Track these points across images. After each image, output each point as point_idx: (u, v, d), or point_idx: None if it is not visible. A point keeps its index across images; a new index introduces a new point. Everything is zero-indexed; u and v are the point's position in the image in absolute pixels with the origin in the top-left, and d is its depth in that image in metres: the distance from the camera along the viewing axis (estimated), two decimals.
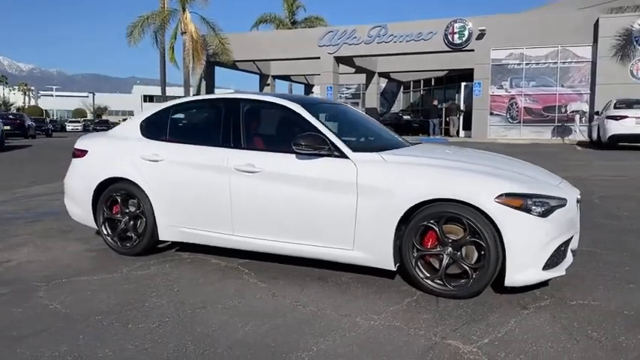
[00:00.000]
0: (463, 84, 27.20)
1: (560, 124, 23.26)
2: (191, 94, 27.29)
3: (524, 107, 23.76)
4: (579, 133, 22.27)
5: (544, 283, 3.76)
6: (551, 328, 3.13)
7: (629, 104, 15.98)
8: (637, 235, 5.46)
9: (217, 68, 30.33)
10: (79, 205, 4.98)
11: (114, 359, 2.77)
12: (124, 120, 6.74)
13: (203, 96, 5.10)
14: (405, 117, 35.09)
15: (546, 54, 23.26)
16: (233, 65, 29.96)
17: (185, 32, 25.37)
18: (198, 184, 4.35)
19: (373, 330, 3.12)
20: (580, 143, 20.03)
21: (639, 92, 20.50)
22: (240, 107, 4.43)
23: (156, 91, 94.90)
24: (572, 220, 3.72)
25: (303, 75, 40.96)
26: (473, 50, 24.04)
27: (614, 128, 14.93)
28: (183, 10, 26.24)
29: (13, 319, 3.31)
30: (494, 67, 23.97)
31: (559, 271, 3.57)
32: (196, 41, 25.40)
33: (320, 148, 3.92)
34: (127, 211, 4.70)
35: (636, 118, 14.81)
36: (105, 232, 4.80)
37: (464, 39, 23.90)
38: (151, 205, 4.54)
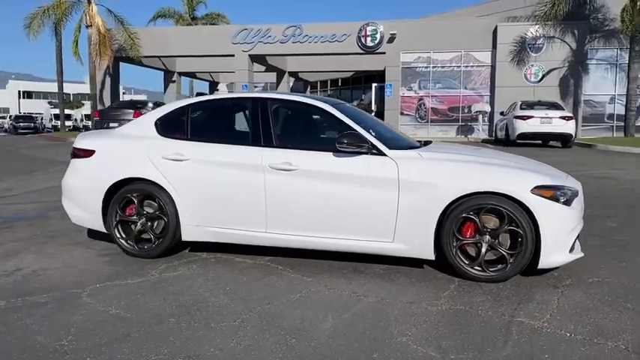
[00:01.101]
0: (374, 85, 28.28)
1: (464, 124, 25.03)
2: (97, 90, 25.80)
3: (432, 108, 25.26)
4: (482, 131, 24.09)
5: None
6: (591, 302, 3.58)
7: (531, 105, 17.67)
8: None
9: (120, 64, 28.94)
10: (84, 208, 4.74)
11: (225, 357, 2.79)
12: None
13: (224, 95, 5.07)
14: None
15: (451, 58, 24.89)
16: (138, 61, 28.74)
17: (91, 25, 23.91)
18: (229, 182, 4.35)
19: (446, 313, 3.39)
20: (484, 141, 21.70)
21: (531, 94, 22.71)
22: (269, 106, 4.48)
23: (34, 87, 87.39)
24: (582, 209, 4.24)
25: (209, 72, 40.23)
26: (384, 53, 25.09)
27: (522, 127, 16.47)
28: (89, 1, 24.70)
29: (81, 326, 3.16)
30: (404, 69, 25.22)
31: (579, 253, 4.06)
32: (103, 35, 24.03)
33: (361, 146, 4.11)
34: (145, 212, 4.56)
35: (541, 117, 16.46)
36: (118, 234, 4.61)
37: (376, 42, 24.88)
38: (174, 205, 4.45)
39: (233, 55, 26.54)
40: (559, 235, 3.89)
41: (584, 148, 17.27)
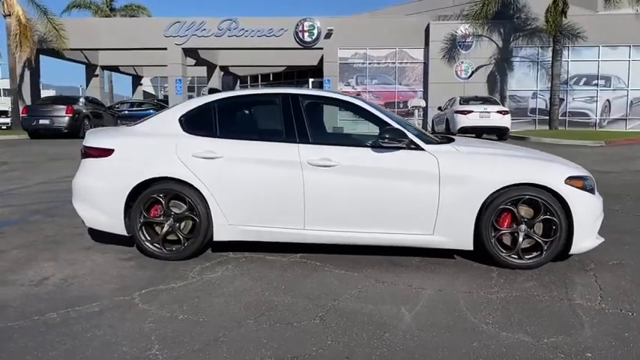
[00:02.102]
0: (311, 80, 28.42)
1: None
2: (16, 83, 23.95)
3: None
4: (417, 125, 24.93)
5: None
6: (625, 282, 3.89)
7: (468, 100, 18.55)
8: None
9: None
10: (102, 210, 4.47)
11: (333, 355, 2.78)
12: None
13: (252, 90, 4.95)
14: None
15: (386, 55, 25.52)
16: (60, 54, 27.04)
17: (9, 14, 22.13)
18: (265, 180, 4.28)
19: (509, 300, 3.55)
20: None
21: (461, 90, 23.77)
22: (300, 102, 4.45)
23: None
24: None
25: (133, 66, 38.65)
26: (322, 48, 25.29)
27: (463, 121, 17.26)
28: None
29: (161, 334, 3.01)
30: (341, 65, 25.54)
31: (600, 238, 4.37)
32: (24, 25, 22.33)
33: (401, 141, 4.19)
34: (172, 212, 4.39)
35: (480, 112, 17.32)
36: (142, 237, 4.40)
37: (314, 37, 25.00)
38: (206, 204, 4.32)
39: (166, 49, 25.67)
40: (588, 222, 4.18)
41: (519, 140, 18.34)
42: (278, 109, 4.46)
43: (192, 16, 25.53)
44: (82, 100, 20.10)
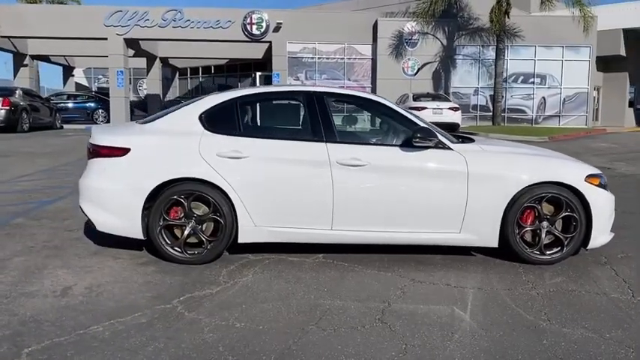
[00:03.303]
0: (259, 74, 28.05)
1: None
2: None
3: None
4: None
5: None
6: None
7: (420, 97, 18.98)
8: None
9: None
10: (116, 214, 4.20)
11: (413, 359, 2.77)
12: None
13: (274, 87, 4.79)
14: None
15: (335, 50, 25.60)
16: None
17: None
18: (294, 180, 4.18)
19: (549, 296, 3.66)
20: None
21: (408, 86, 24.28)
22: (326, 101, 4.37)
23: None
24: None
25: (64, 56, 36.62)
26: (271, 42, 25.00)
27: None
28: None
29: (228, 344, 2.87)
30: (290, 59, 25.36)
31: (612, 234, 4.59)
32: None
33: (431, 140, 4.22)
34: (195, 214, 4.20)
35: (433, 109, 17.77)
36: (162, 241, 4.18)
37: (262, 30, 24.65)
38: (231, 206, 4.16)
39: (106, 39, 24.49)
40: (605, 217, 4.38)
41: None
42: (303, 107, 4.37)
43: (134, 6, 24.50)
44: (18, 91, 18.82)
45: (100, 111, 26.32)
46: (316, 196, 4.19)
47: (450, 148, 4.29)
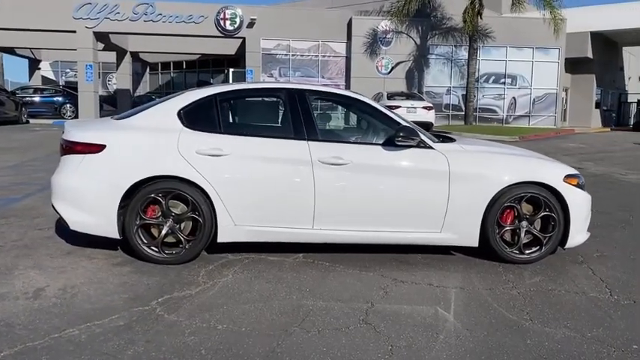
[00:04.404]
0: (232, 70, 27.74)
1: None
2: None
3: None
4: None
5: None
6: (618, 273, 4.18)
7: (393, 96, 19.07)
8: None
9: None
10: (91, 212, 4.07)
11: (399, 356, 2.75)
12: None
13: (255, 84, 4.69)
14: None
15: (309, 47, 25.49)
16: None
17: None
18: (275, 178, 4.12)
19: (531, 295, 3.68)
20: None
21: (382, 85, 24.36)
22: (308, 98, 4.32)
23: None
24: None
25: (30, 48, 35.60)
26: (244, 38, 24.74)
27: None
28: None
29: (211, 347, 2.80)
30: (264, 55, 25.15)
31: (588, 233, 4.65)
32: None
33: (414, 139, 4.20)
34: (173, 213, 4.09)
35: (407, 107, 17.84)
36: (139, 241, 4.07)
37: (236, 26, 24.36)
38: (210, 204, 4.07)
39: (75, 32, 23.87)
40: (582, 217, 4.44)
41: None
42: (284, 104, 4.30)
43: None
44: None
45: (68, 106, 25.63)
46: (297, 194, 4.14)
47: (432, 148, 4.28)
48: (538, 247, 4.37)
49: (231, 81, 27.70)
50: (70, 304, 3.31)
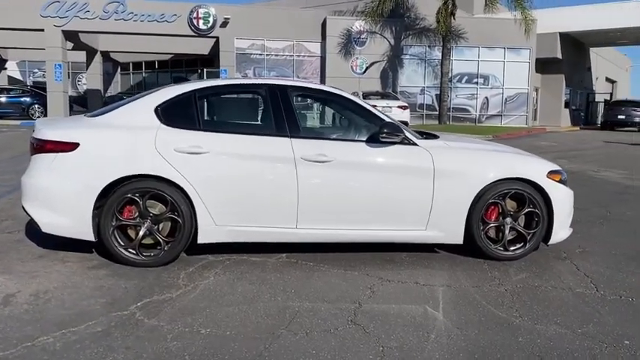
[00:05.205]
0: (206, 70, 27.42)
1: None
2: None
3: None
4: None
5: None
6: (601, 268, 4.19)
7: (369, 95, 19.08)
8: None
9: None
10: (64, 214, 3.88)
11: (391, 357, 2.67)
12: None
13: (236, 80, 4.56)
14: None
15: (284, 47, 25.36)
16: None
17: None
18: (257, 176, 4.00)
19: (518, 292, 3.65)
20: None
21: (357, 85, 24.35)
22: (290, 94, 4.21)
23: None
24: None
25: None
26: (218, 37, 24.47)
27: None
28: None
29: (194, 352, 2.68)
30: (238, 55, 24.92)
31: (571, 229, 4.65)
32: None
33: (397, 135, 4.14)
34: (151, 214, 3.94)
35: (382, 107, 17.77)
36: (115, 243, 3.91)
37: (209, 25, 24.07)
38: (190, 204, 3.93)
39: (42, 30, 23.25)
40: (565, 213, 4.44)
41: None
42: (266, 100, 4.19)
43: None
44: None
45: (37, 106, 24.92)
46: (280, 193, 4.03)
47: (416, 144, 4.22)
48: (522, 244, 4.35)
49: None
50: (43, 311, 3.14)
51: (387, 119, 4.27)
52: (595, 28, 28.44)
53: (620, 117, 29.02)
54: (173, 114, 4.05)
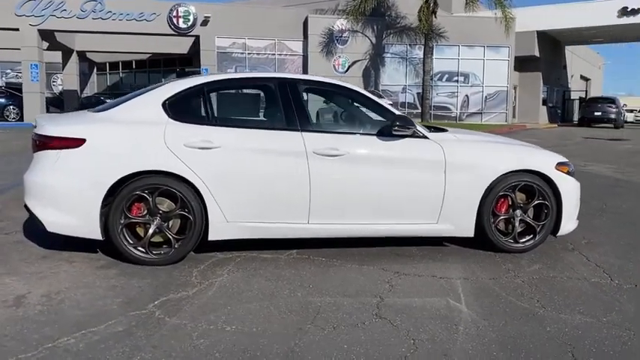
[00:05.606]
0: (187, 70, 27.12)
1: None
2: None
3: None
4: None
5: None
6: (610, 258, 4.23)
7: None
8: None
9: None
10: (71, 212, 3.76)
11: (426, 354, 2.63)
12: None
13: (245, 74, 4.47)
14: (108, 100, 33.00)
15: (265, 46, 25.24)
16: None
17: None
18: (269, 171, 3.93)
19: (535, 283, 3.65)
20: None
21: None
22: (299, 88, 4.15)
23: None
24: None
25: None
26: (198, 36, 24.22)
27: None
28: None
29: (222, 349, 2.61)
30: (219, 54, 24.71)
31: (577, 220, 4.68)
32: None
33: (409, 129, 4.11)
34: (160, 211, 3.84)
35: None
36: (124, 241, 3.80)
37: (189, 24, 23.81)
38: (200, 200, 3.84)
39: (17, 29, 22.71)
40: (573, 205, 4.46)
41: None
42: (275, 94, 4.12)
43: None
44: None
45: (12, 107, 24.31)
46: (292, 188, 3.97)
47: (427, 137, 4.20)
48: (532, 236, 4.37)
49: None
50: (59, 311, 3.02)
51: (398, 112, 4.24)
52: (571, 26, 28.98)
53: (596, 114, 29.62)
54: (182, 108, 3.95)
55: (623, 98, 41.33)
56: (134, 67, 35.93)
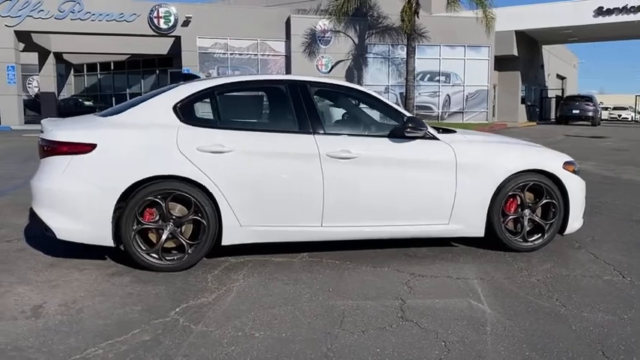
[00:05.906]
0: (169, 71, 26.84)
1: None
2: None
3: None
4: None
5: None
6: (619, 255, 4.30)
7: None
8: None
9: None
10: (81, 219, 3.67)
11: (460, 357, 2.63)
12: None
13: (254, 76, 4.42)
14: (86, 103, 32.51)
15: (247, 46, 25.12)
16: None
17: None
18: (282, 175, 3.90)
19: (550, 282, 3.69)
20: None
21: None
22: (310, 90, 4.13)
23: None
24: None
25: None
26: (180, 37, 23.99)
27: None
28: None
29: (257, 356, 2.57)
30: (201, 54, 24.51)
31: (582, 220, 4.75)
32: None
33: (421, 130, 4.12)
34: (173, 216, 3.78)
35: None
36: (137, 248, 3.73)
37: (170, 24, 23.59)
38: (214, 205, 3.80)
39: None
40: (580, 203, 4.53)
41: None
42: (286, 97, 4.09)
43: None
44: None
45: None
46: (306, 191, 3.95)
47: (438, 139, 4.22)
48: (540, 235, 4.41)
49: (169, 83, 26.81)
50: (80, 321, 2.95)
51: (409, 114, 4.25)
52: (548, 25, 29.44)
53: (574, 112, 30.15)
54: (193, 112, 3.91)
55: (597, 96, 42.16)
56: (112, 68, 35.47)
